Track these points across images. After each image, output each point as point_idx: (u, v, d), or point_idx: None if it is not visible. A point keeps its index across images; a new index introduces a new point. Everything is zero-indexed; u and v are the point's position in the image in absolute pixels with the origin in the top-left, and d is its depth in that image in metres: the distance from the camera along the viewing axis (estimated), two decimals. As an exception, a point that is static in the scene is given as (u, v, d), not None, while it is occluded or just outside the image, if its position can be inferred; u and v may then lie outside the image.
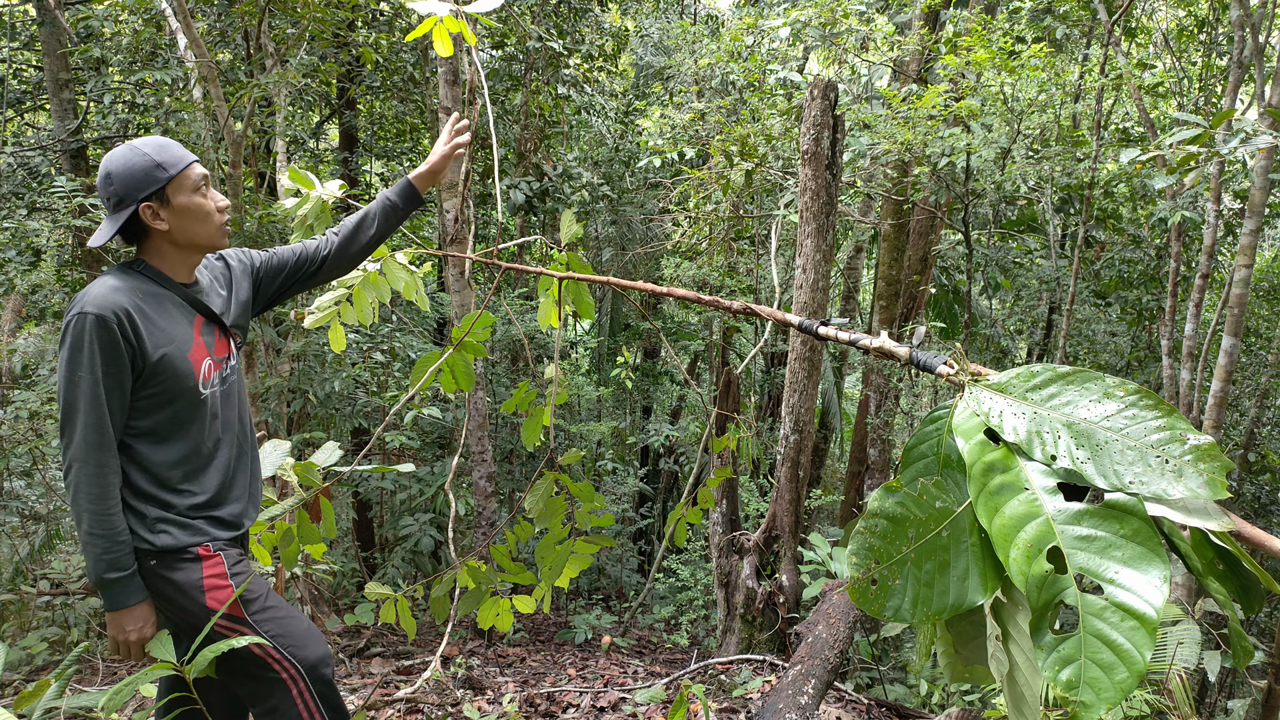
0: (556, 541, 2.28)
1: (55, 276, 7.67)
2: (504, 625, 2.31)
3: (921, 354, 1.35)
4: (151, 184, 1.87)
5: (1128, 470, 1.03)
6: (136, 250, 1.97)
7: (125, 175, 1.87)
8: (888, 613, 1.09)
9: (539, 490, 2.25)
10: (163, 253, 1.95)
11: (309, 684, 2.00)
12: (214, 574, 1.96)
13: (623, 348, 9.67)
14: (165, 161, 1.89)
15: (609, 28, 10.45)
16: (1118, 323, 9.11)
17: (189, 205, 1.92)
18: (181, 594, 1.93)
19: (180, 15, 5.79)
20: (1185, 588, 4.75)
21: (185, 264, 1.99)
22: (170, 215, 1.91)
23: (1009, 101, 6.66)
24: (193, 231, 1.94)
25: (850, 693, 4.20)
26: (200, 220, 1.94)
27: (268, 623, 1.99)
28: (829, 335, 1.56)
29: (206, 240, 1.97)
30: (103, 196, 1.90)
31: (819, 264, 5.05)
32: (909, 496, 1.13)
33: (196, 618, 1.93)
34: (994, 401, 1.16)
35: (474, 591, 2.28)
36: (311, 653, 2.03)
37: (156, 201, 1.89)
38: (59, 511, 6.96)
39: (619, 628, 8.17)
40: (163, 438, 1.95)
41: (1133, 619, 0.96)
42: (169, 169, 1.89)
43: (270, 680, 1.98)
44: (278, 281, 2.21)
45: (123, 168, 1.87)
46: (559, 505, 2.26)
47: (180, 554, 1.94)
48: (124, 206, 1.88)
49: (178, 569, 1.93)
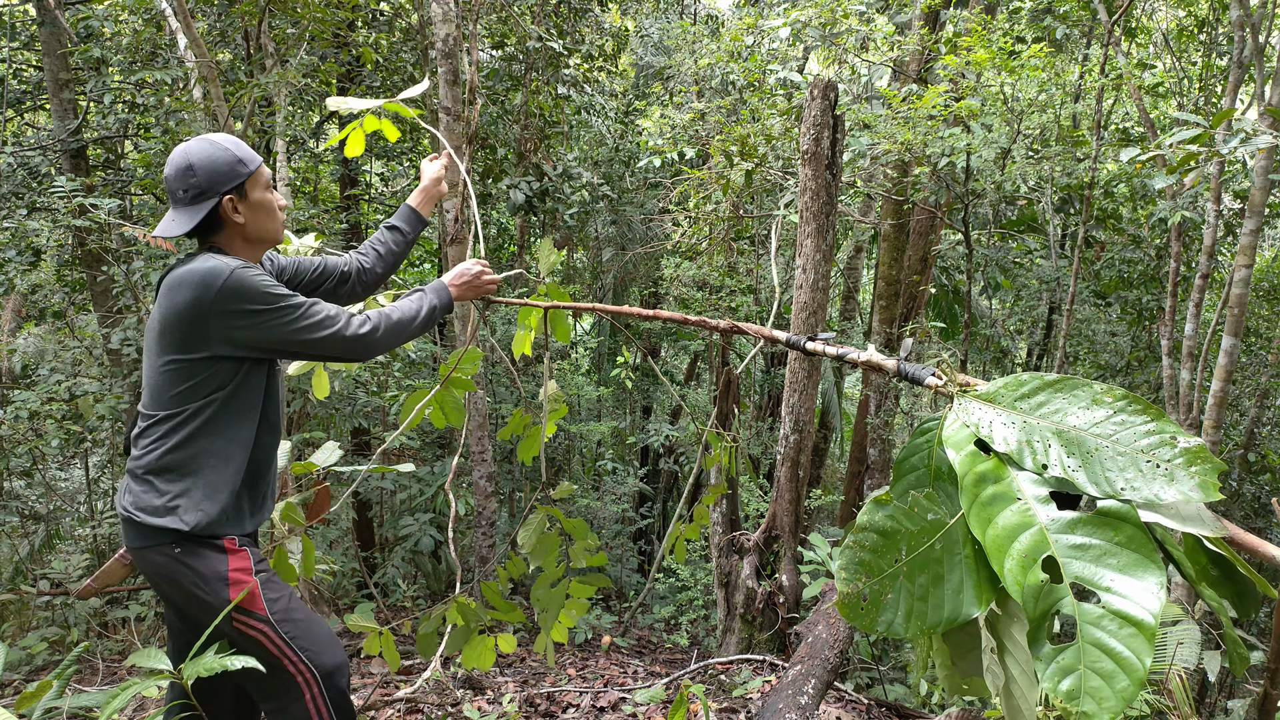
0: (551, 583, 2.25)
1: (55, 276, 7.67)
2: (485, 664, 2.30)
3: (909, 366, 1.35)
4: (234, 178, 1.95)
5: (1119, 476, 1.03)
6: (202, 245, 2.01)
7: (209, 168, 1.93)
8: (880, 627, 1.09)
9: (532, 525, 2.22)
10: (234, 247, 2.02)
11: (323, 690, 1.99)
12: (239, 567, 1.95)
13: (623, 348, 9.67)
14: (244, 158, 1.98)
15: (609, 28, 10.44)
16: (1118, 323, 9.10)
17: (263, 200, 2.01)
18: (204, 585, 1.92)
19: (180, 15, 5.79)
20: (1184, 588, 4.75)
21: (253, 257, 2.06)
22: (247, 209, 1.99)
23: (1009, 101, 6.65)
24: (264, 226, 2.03)
25: (850, 693, 4.21)
26: (270, 216, 2.03)
27: (288, 624, 1.98)
28: (816, 350, 1.56)
29: (273, 236, 2.06)
30: (180, 188, 1.94)
31: (819, 264, 5.05)
32: (899, 509, 1.13)
33: (215, 610, 1.92)
34: (983, 412, 1.16)
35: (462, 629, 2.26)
36: (329, 660, 2.02)
37: (236, 195, 1.96)
38: (59, 511, 6.96)
39: (619, 628, 8.17)
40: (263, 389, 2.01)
41: (1131, 626, 0.96)
42: (248, 165, 1.98)
43: (285, 681, 1.97)
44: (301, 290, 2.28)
45: (206, 160, 1.93)
46: (552, 541, 2.22)
47: (206, 541, 1.93)
48: (206, 198, 1.93)
49: (202, 558, 1.92)
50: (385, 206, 11.52)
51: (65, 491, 8.35)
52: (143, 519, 1.91)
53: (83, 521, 7.06)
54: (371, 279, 2.36)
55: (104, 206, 5.74)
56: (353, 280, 2.34)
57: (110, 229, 6.32)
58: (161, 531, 1.91)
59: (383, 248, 2.38)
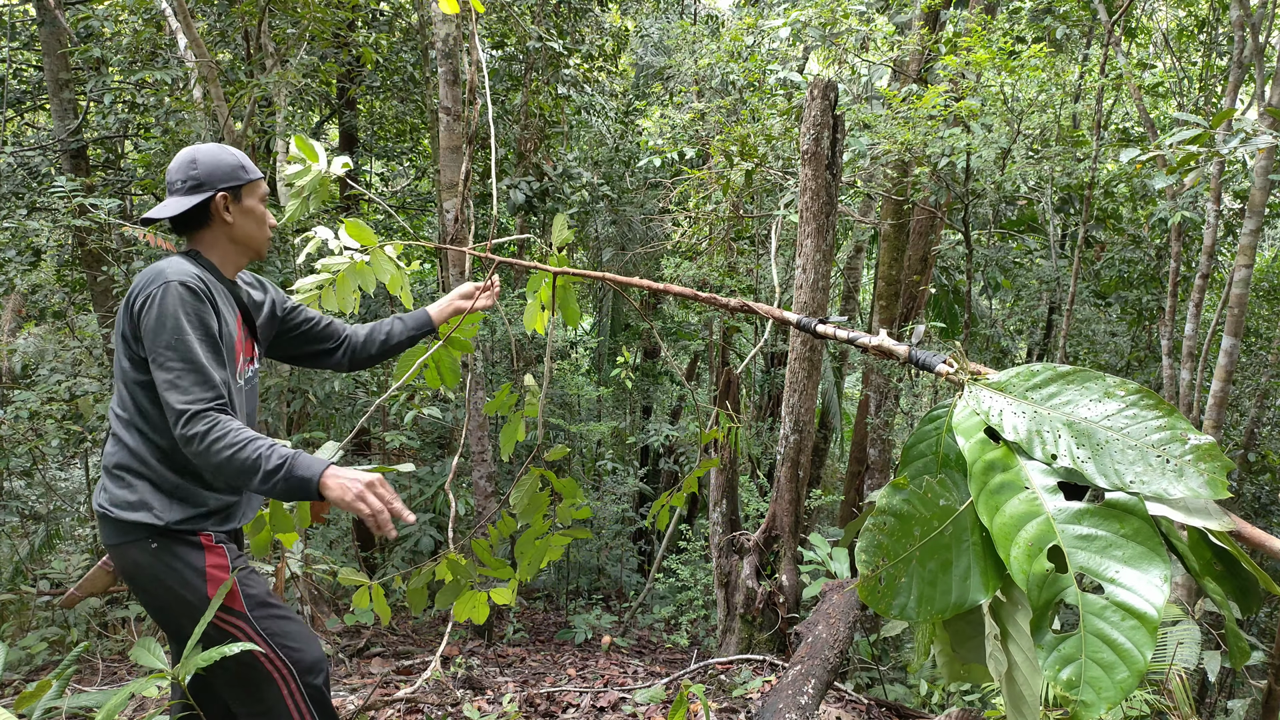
0: (536, 537, 2.29)
1: (55, 276, 7.67)
2: (479, 618, 2.30)
3: (921, 353, 1.35)
4: (233, 179, 2.05)
5: (1128, 469, 1.03)
6: (188, 242, 2.09)
7: (212, 164, 2.04)
8: (894, 610, 1.10)
9: (524, 485, 2.25)
10: (218, 247, 2.09)
11: (300, 685, 2.01)
12: (216, 564, 1.97)
13: (623, 348, 9.67)
14: (247, 166, 2.10)
15: (609, 28, 10.45)
16: (1118, 323, 9.10)
17: (255, 209, 2.11)
18: (182, 581, 1.93)
19: (180, 15, 5.79)
20: (1185, 587, 4.75)
21: (234, 263, 2.12)
22: (238, 212, 2.08)
23: (1009, 101, 6.66)
24: (251, 233, 2.11)
25: (850, 693, 4.20)
26: (260, 225, 2.13)
27: (266, 620, 2.00)
28: (828, 333, 1.56)
29: (258, 245, 2.14)
30: (179, 178, 2.03)
31: (819, 264, 5.05)
32: (915, 494, 1.13)
33: (194, 607, 1.93)
34: (994, 400, 1.16)
35: (452, 584, 2.27)
36: (306, 656, 2.03)
37: (231, 195, 2.05)
38: (59, 511, 6.95)
39: (619, 628, 8.16)
40: None
41: (1133, 618, 0.96)
42: (249, 173, 2.10)
43: (261, 679, 1.98)
44: (293, 337, 2.34)
45: (210, 158, 2.05)
46: (543, 501, 2.27)
47: (184, 537, 1.95)
48: (201, 190, 2.02)
49: (179, 554, 1.94)
50: (385, 206, 11.52)
51: (65, 491, 8.34)
52: (118, 514, 1.93)
53: (83, 521, 7.06)
54: (361, 358, 2.43)
55: (104, 206, 5.74)
56: (344, 351, 2.40)
57: (110, 229, 6.32)
58: (137, 526, 1.92)
59: (381, 335, 2.45)
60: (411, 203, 11.75)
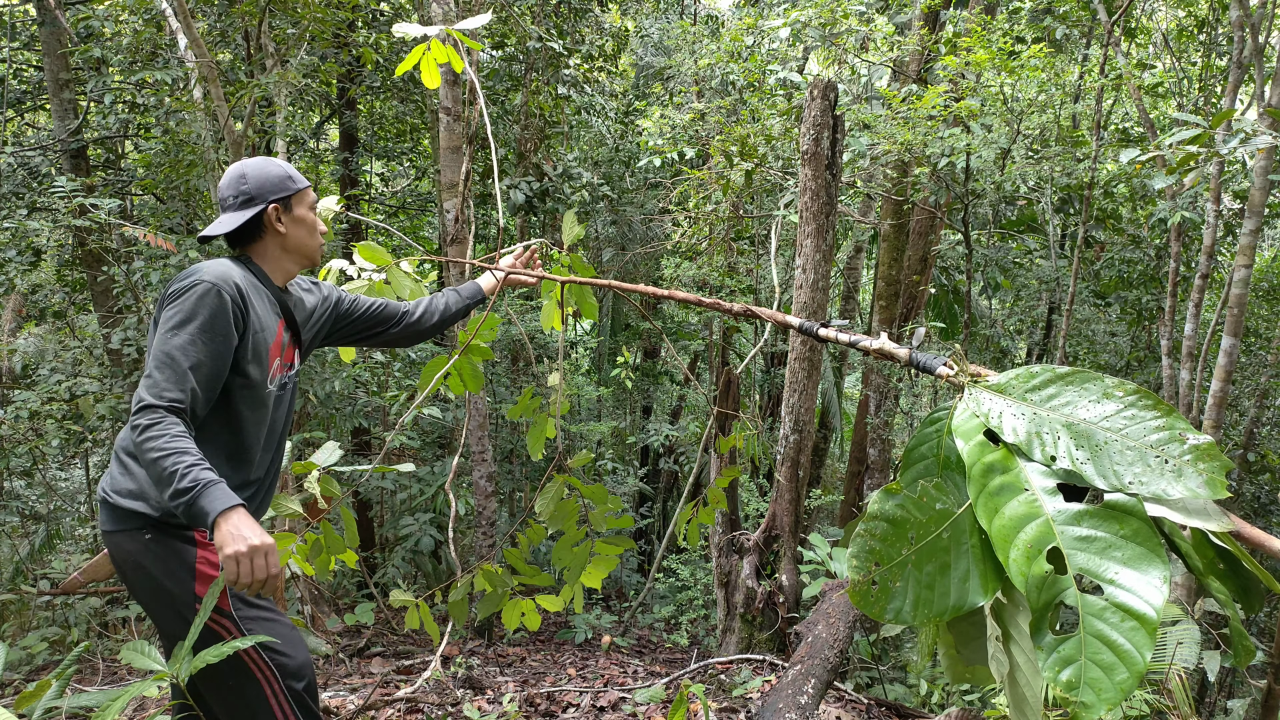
0: (573, 544, 2.30)
1: (55, 276, 7.67)
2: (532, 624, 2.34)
3: (921, 355, 1.35)
4: (283, 190, 2.10)
5: (1127, 470, 1.03)
6: (241, 250, 2.13)
7: (261, 177, 2.08)
8: (888, 615, 1.09)
9: (549, 493, 2.26)
10: (271, 256, 2.13)
11: (284, 688, 2.00)
12: (207, 560, 1.96)
13: (623, 348, 9.67)
14: (294, 176, 2.14)
15: (609, 28, 10.44)
16: (1118, 323, 9.11)
17: (306, 217, 2.15)
18: (170, 574, 1.93)
19: (180, 15, 5.79)
20: (1185, 588, 4.75)
21: (286, 271, 2.16)
22: (290, 222, 2.12)
23: (1009, 102, 6.66)
24: (303, 241, 2.15)
25: (850, 692, 4.20)
26: (311, 233, 2.17)
27: (252, 621, 1.99)
28: (829, 337, 1.56)
29: (310, 253, 2.18)
30: (231, 193, 2.07)
31: (819, 264, 5.06)
32: (909, 499, 1.13)
33: (180, 602, 1.93)
34: (993, 402, 1.16)
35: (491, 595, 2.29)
36: (292, 659, 2.02)
37: (282, 206, 2.10)
38: (59, 511, 6.96)
39: (619, 627, 8.17)
40: (224, 419, 2.00)
41: (1133, 619, 0.96)
42: (298, 182, 2.13)
43: (243, 681, 1.97)
44: (353, 326, 2.41)
45: (259, 171, 2.09)
46: (570, 508, 2.27)
47: (176, 531, 1.94)
48: (253, 204, 2.06)
49: (172, 547, 1.94)
50: (385, 206, 11.53)
51: (65, 491, 8.35)
52: (115, 500, 1.93)
53: (83, 521, 7.06)
54: (421, 329, 2.51)
55: (104, 206, 5.74)
56: (403, 327, 2.49)
57: (110, 229, 6.32)
58: (132, 515, 1.92)
59: (439, 308, 2.54)
60: (412, 203, 11.75)
